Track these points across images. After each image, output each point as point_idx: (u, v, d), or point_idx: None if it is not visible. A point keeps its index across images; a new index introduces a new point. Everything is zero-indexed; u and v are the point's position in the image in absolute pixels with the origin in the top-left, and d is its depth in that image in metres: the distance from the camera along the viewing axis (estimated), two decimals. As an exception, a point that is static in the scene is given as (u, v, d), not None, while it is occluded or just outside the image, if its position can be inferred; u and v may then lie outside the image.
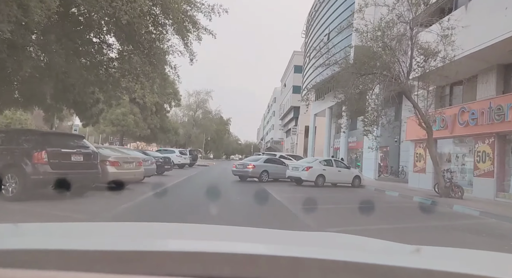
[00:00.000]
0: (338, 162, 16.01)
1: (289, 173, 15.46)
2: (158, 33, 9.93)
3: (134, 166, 9.94)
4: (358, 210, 8.39)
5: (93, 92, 12.20)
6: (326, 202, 9.92)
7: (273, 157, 18.18)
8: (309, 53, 35.64)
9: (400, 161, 24.60)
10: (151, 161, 12.47)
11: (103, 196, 8.30)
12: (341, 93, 13.48)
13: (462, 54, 11.21)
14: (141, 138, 29.07)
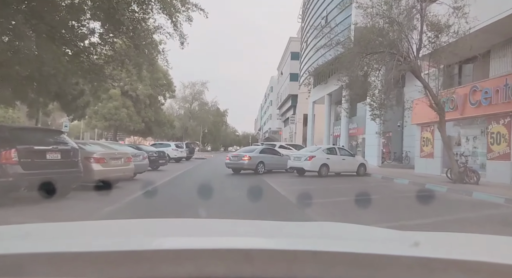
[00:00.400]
0: (341, 150, 15.18)
1: (290, 163, 14.62)
2: (141, 12, 8.90)
3: (122, 163, 9.05)
4: (373, 203, 7.57)
5: (77, 82, 11.21)
6: (336, 195, 9.10)
7: (269, 147, 17.33)
8: (306, 38, 34.46)
9: (403, 146, 23.83)
10: (143, 156, 11.58)
11: (85, 198, 7.42)
12: (345, 76, 12.52)
13: (477, 27, 10.26)
14: (135, 132, 28.11)
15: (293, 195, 8.60)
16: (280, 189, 9.81)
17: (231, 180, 12.77)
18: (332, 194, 9.29)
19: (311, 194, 9.14)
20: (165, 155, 16.86)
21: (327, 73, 18.46)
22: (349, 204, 7.44)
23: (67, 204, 6.80)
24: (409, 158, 22.58)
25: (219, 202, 7.40)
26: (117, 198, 7.59)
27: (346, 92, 14.11)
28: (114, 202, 7.04)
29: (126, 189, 8.98)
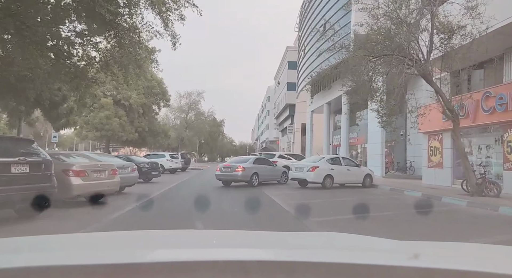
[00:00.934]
0: (346, 159, 14.27)
1: (292, 175, 13.67)
2: (126, 6, 8.06)
3: (106, 176, 8.06)
4: (388, 221, 6.65)
5: (59, 88, 10.28)
6: (345, 211, 8.14)
7: (262, 157, 16.21)
8: (304, 46, 33.96)
9: (407, 156, 23.02)
10: (132, 168, 10.59)
11: (61, 217, 6.42)
12: (350, 80, 11.71)
13: (493, 28, 9.54)
14: (128, 142, 27.08)
15: (298, 211, 7.64)
16: (284, 203, 8.85)
17: (228, 193, 11.78)
18: (341, 210, 8.33)
19: (318, 209, 8.19)
20: (158, 166, 15.85)
21: (329, 79, 17.48)
22: (362, 223, 6.49)
23: (37, 225, 5.78)
24: (413, 168, 21.74)
25: (217, 219, 6.42)
26: (99, 217, 6.61)
27: (350, 98, 13.25)
28: (95, 221, 6.06)
29: (110, 206, 7.98)
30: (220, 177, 13.96)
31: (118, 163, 10.00)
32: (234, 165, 13.81)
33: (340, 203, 9.33)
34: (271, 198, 10.03)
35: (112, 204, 8.09)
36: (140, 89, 25.34)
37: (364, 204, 8.67)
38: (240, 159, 15.22)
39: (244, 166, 13.55)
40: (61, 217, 6.56)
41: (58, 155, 7.84)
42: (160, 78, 27.57)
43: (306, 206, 8.62)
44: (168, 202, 9.06)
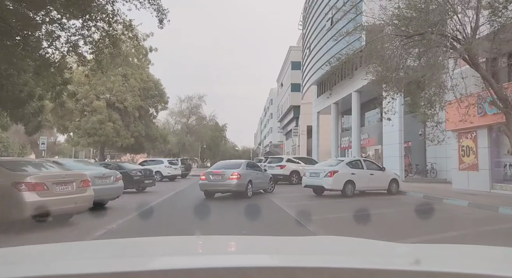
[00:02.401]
0: (368, 162, 12.32)
1: (306, 181, 11.76)
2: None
3: (74, 189, 6.20)
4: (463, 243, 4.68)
5: (25, 82, 8.48)
6: (400, 231, 6.17)
7: (252, 161, 13.58)
8: (309, 44, 32.20)
9: (426, 157, 21.05)
10: (115, 177, 8.73)
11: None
12: (379, 65, 9.82)
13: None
14: (124, 148, 25.28)
15: (322, 228, 5.74)
16: (304, 219, 6.95)
17: (232, 206, 9.86)
18: (391, 229, 6.35)
19: (354, 228, 6.26)
20: (152, 174, 14.00)
21: (350, 66, 15.38)
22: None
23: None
24: (435, 171, 19.78)
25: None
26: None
27: (378, 88, 11.36)
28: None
29: (78, 227, 6.12)
30: (207, 187, 11.03)
31: (95, 172, 8.16)
32: (227, 171, 10.87)
33: (381, 218, 7.32)
34: (286, 212, 8.13)
35: (81, 226, 6.24)
36: (135, 90, 23.60)
37: (413, 219, 6.74)
38: (230, 164, 12.05)
39: (239, 173, 10.75)
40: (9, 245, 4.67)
41: (8, 163, 5.99)
42: (157, 79, 25.88)
43: (338, 225, 6.68)
44: (156, 220, 7.16)
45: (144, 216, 7.47)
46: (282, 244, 1.29)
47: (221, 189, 11.09)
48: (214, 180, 10.94)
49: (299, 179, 18.52)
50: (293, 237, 1.37)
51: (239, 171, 10.90)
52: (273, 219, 7.20)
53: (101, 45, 7.93)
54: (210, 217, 7.52)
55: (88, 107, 22.36)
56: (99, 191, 7.94)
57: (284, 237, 1.35)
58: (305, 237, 1.53)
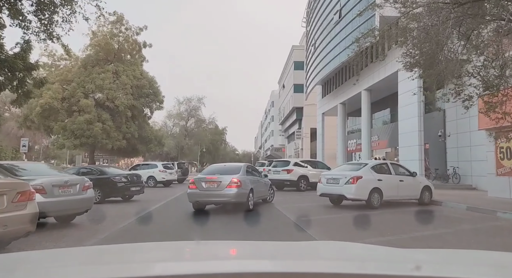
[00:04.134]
0: (395, 166, 10.34)
1: (322, 189, 9.78)
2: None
3: (4, 205, 4.24)
4: None
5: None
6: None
7: (252, 165, 11.35)
8: (314, 40, 30.38)
9: (447, 161, 19.08)
10: (83, 185, 6.74)
11: None
12: (423, 42, 7.87)
13: None
14: (115, 151, 23.32)
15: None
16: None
17: (235, 222, 7.88)
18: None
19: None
20: (139, 180, 12.04)
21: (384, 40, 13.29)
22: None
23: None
24: (458, 176, 17.80)
25: None
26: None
27: (420, 73, 9.41)
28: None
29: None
30: (198, 198, 8.67)
31: (54, 180, 6.21)
32: (224, 178, 8.57)
33: (450, 246, 5.31)
34: (307, 233, 6.14)
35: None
36: (127, 88, 21.69)
37: (491, 247, 4.73)
38: (226, 169, 9.59)
39: (239, 179, 8.52)
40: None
41: None
42: (152, 77, 24.02)
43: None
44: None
45: (114, 241, 5.47)
46: (281, 249, 1.30)
47: (216, 201, 8.86)
48: (208, 189, 8.53)
49: (308, 185, 16.58)
50: (293, 242, 1.42)
51: (239, 177, 8.63)
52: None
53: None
54: (206, 239, 5.54)
55: (75, 106, 20.42)
56: (57, 204, 6.01)
57: (283, 242, 1.39)
58: (305, 242, 1.50)
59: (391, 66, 20.04)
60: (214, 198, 8.66)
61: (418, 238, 5.72)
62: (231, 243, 1.52)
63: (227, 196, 8.43)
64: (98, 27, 22.77)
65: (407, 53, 8.65)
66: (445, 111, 19.26)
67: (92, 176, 11.33)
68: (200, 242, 1.35)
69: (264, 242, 1.45)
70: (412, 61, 8.37)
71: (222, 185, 8.46)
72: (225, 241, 1.60)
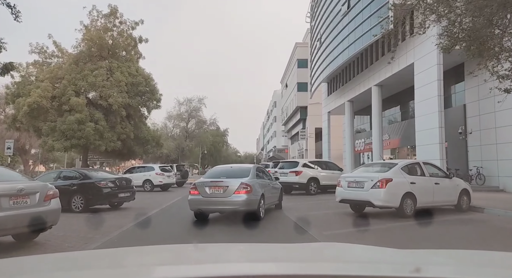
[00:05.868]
0: (428, 166, 8.76)
1: (343, 194, 8.24)
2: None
3: None
4: None
5: None
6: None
7: (261, 166, 9.72)
8: (320, 35, 28.89)
9: (468, 160, 17.52)
10: (45, 194, 5.25)
11: None
12: (473, 14, 6.34)
13: None
14: (109, 153, 21.85)
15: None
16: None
17: (243, 237, 6.36)
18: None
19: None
20: (129, 185, 10.54)
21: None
22: None
23: None
24: (483, 177, 16.24)
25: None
26: None
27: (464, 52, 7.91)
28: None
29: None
30: (201, 205, 7.40)
31: (2, 188, 4.70)
32: (231, 182, 7.34)
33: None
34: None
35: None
36: (122, 86, 20.23)
37: None
38: (233, 171, 8.18)
39: (249, 184, 7.30)
40: None
41: None
42: (148, 74, 22.52)
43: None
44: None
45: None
46: (282, 251, 1.30)
47: (222, 209, 7.54)
48: (212, 195, 7.28)
49: (318, 187, 15.08)
50: (296, 244, 1.37)
51: (249, 181, 7.35)
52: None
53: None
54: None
55: (66, 105, 18.98)
56: (5, 220, 4.51)
57: (284, 244, 1.36)
58: (308, 244, 1.52)
59: (405, 58, 18.55)
60: (219, 206, 7.35)
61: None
62: (231, 246, 1.50)
63: (235, 204, 7.15)
64: (91, 22, 21.42)
65: (446, 29, 7.12)
66: (466, 106, 17.72)
67: (75, 181, 9.90)
68: (198, 245, 1.32)
69: (265, 244, 1.47)
70: (456, 36, 6.83)
71: (229, 191, 7.19)
72: (225, 243, 1.49)
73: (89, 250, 3.88)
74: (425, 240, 5.59)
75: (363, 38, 20.49)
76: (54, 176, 10.24)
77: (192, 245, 1.31)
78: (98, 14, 21.03)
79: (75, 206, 9.55)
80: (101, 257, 1.26)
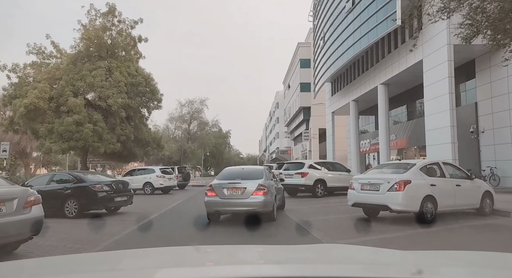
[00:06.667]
0: (450, 167, 8.08)
1: (356, 197, 7.59)
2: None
3: None
4: None
5: None
6: None
7: (269, 168, 10.15)
8: (324, 33, 28.28)
9: (481, 160, 16.81)
10: (25, 200, 4.64)
11: None
12: None
13: None
14: (109, 155, 21.28)
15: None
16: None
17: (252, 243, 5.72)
18: None
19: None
20: (126, 189, 9.95)
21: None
22: None
23: None
24: (497, 178, 15.53)
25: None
26: None
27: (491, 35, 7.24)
28: None
29: None
30: (219, 207, 7.46)
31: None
32: (249, 183, 7.46)
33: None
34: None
35: None
36: (121, 86, 19.69)
37: None
38: (246, 172, 8.33)
39: (265, 185, 7.46)
40: None
41: None
42: (148, 73, 21.96)
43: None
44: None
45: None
46: (287, 253, 1.29)
47: (240, 210, 7.52)
48: (230, 197, 7.39)
49: (325, 189, 14.42)
50: (298, 246, 1.37)
51: (265, 183, 7.53)
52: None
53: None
54: None
55: (64, 106, 18.44)
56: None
57: (289, 246, 1.36)
58: (311, 246, 1.52)
59: (414, 55, 17.88)
60: (237, 207, 7.47)
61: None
62: (233, 248, 1.44)
63: (253, 205, 7.31)
64: (90, 22, 20.92)
65: (468, 17, 6.49)
66: (477, 104, 17.03)
67: (68, 184, 9.32)
68: (200, 247, 1.30)
69: (268, 246, 1.45)
70: (479, 24, 6.20)
71: (247, 192, 7.36)
72: (227, 245, 1.45)
73: (89, 252, 3.64)
74: (456, 250, 4.93)
75: (369, 35, 19.85)
76: (46, 180, 9.66)
77: (193, 247, 1.30)
78: (96, 13, 20.53)
79: (69, 211, 8.97)
80: (101, 260, 1.25)
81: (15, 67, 20.16)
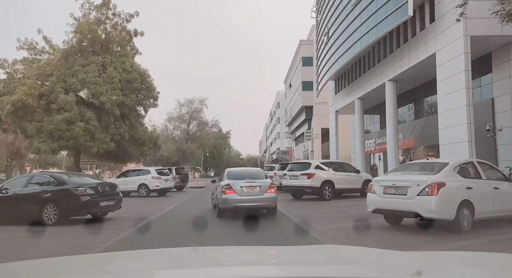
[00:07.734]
0: (486, 167, 7.01)
1: (378, 202, 6.49)
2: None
3: None
4: None
5: None
6: None
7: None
8: (328, 29, 27.23)
9: (498, 160, 15.73)
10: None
11: None
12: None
13: None
14: (102, 155, 20.19)
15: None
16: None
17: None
18: None
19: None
20: (114, 192, 8.86)
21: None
22: None
23: None
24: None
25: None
26: None
27: None
28: None
29: None
30: (238, 203, 8.54)
31: None
32: (262, 182, 8.82)
33: None
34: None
35: None
36: (115, 83, 18.62)
37: None
38: (252, 173, 9.52)
39: (275, 184, 9.46)
40: None
41: None
42: (144, 70, 20.91)
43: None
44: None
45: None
46: (288, 254, 1.28)
47: (255, 206, 8.75)
48: (248, 194, 8.63)
49: (333, 192, 13.35)
50: (299, 247, 1.34)
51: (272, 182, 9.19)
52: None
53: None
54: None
55: (55, 104, 17.37)
56: None
57: (289, 246, 1.34)
58: (312, 247, 1.49)
59: (425, 49, 16.82)
60: (254, 203, 8.68)
61: None
62: (232, 249, 1.45)
63: (266, 201, 8.66)
64: (83, 16, 19.87)
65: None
66: (494, 101, 15.97)
67: (48, 187, 8.24)
68: (198, 249, 1.30)
69: (269, 247, 1.46)
70: None
71: (262, 190, 8.66)
72: (225, 246, 1.42)
73: (86, 254, 3.54)
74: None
75: (378, 27, 18.79)
76: (24, 182, 8.60)
77: (191, 249, 1.28)
78: (90, 6, 19.49)
79: (48, 218, 7.90)
80: (99, 261, 1.24)
81: (3, 63, 19.11)
